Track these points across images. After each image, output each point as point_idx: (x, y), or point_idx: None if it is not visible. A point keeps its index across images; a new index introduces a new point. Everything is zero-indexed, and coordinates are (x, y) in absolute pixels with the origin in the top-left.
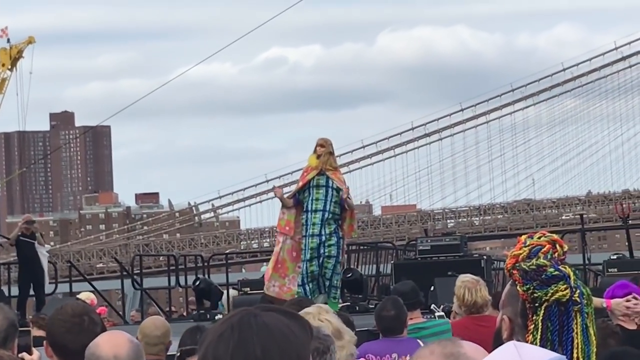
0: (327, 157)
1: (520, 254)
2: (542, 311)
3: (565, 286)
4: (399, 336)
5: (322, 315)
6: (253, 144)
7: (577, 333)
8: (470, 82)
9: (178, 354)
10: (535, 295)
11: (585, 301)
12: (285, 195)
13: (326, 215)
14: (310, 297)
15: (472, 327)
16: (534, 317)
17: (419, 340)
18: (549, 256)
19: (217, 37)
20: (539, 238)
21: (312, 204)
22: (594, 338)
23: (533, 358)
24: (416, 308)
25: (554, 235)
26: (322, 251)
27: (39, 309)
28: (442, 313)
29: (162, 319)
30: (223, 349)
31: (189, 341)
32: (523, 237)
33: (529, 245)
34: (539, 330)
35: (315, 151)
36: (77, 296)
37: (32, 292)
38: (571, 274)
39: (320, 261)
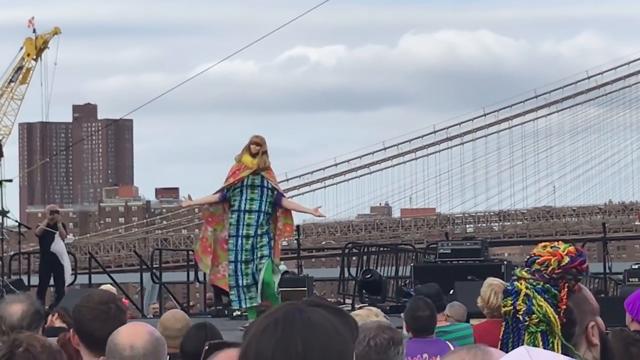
0: (263, 157)
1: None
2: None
3: (510, 301)
4: (429, 337)
5: (370, 318)
6: (273, 143)
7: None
8: (493, 87)
9: (206, 348)
10: None
11: (537, 320)
12: (211, 193)
13: (261, 217)
14: (241, 304)
15: (495, 331)
16: None
17: (447, 342)
18: (542, 267)
19: (241, 34)
20: (549, 248)
21: (245, 204)
22: None
23: None
24: (439, 311)
25: (569, 247)
26: (255, 255)
27: (58, 300)
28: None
29: (183, 312)
30: (266, 343)
31: (193, 338)
32: (540, 245)
33: (531, 255)
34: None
35: (249, 149)
36: (99, 288)
37: (51, 283)
38: (524, 291)
39: (254, 263)
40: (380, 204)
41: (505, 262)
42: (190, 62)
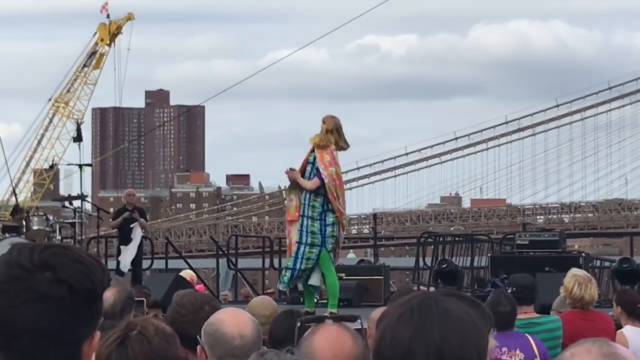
0: (321, 135)
1: None
2: None
3: None
4: (509, 330)
5: None
6: (344, 131)
7: None
8: (566, 78)
9: (298, 325)
10: None
11: None
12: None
13: (309, 195)
14: (289, 284)
15: (577, 321)
16: None
17: (527, 335)
18: None
19: (312, 22)
20: None
21: None
22: None
23: None
24: (532, 303)
25: None
26: (304, 239)
27: (135, 284)
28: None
29: (270, 299)
30: (402, 331)
31: (282, 325)
32: None
33: None
34: None
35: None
36: (179, 274)
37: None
38: None
39: (303, 248)
40: (450, 193)
41: (583, 254)
42: (261, 49)
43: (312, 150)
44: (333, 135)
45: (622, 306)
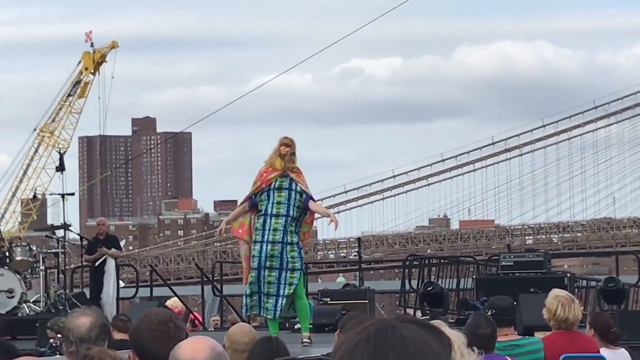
0: (291, 158)
1: None
2: None
3: None
4: (489, 353)
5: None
6: (330, 155)
7: None
8: (551, 98)
9: None
10: None
11: None
12: (239, 204)
13: (289, 221)
14: (247, 311)
15: (562, 342)
16: None
17: (507, 358)
18: None
19: (298, 47)
20: None
21: (272, 208)
22: None
23: None
24: (512, 324)
25: None
26: (284, 265)
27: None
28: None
29: (250, 326)
30: (357, 359)
31: (260, 352)
32: None
33: None
34: None
35: (278, 151)
36: (166, 303)
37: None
38: None
39: (284, 274)
40: (438, 215)
41: (568, 275)
42: (246, 74)
43: (284, 175)
44: (294, 157)
45: (595, 329)
